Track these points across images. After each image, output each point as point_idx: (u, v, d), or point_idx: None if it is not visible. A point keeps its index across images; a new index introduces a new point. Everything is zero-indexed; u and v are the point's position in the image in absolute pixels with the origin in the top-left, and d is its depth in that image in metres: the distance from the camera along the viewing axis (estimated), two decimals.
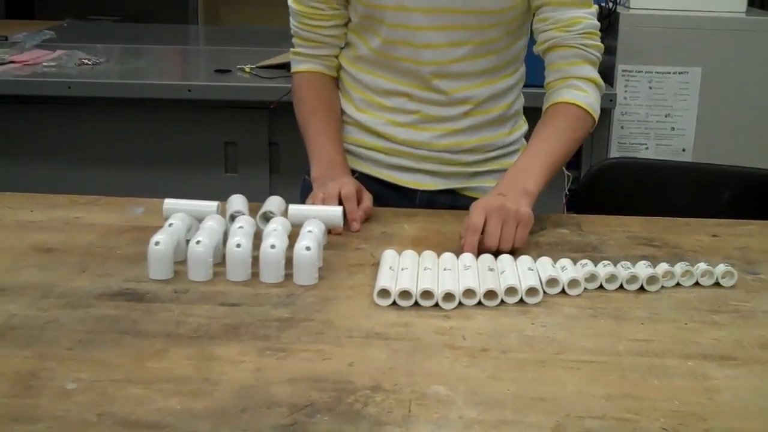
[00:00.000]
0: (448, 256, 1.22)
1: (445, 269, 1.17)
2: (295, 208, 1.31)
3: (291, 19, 1.55)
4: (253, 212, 1.33)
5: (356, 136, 1.56)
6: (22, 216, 1.40)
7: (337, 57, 1.56)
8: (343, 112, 1.57)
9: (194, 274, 1.18)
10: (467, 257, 1.21)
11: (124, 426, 0.84)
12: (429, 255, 1.23)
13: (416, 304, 1.11)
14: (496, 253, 1.24)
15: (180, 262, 1.20)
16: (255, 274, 1.18)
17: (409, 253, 1.23)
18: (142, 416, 0.85)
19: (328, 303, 1.12)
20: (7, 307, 1.08)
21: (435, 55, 1.46)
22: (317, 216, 1.28)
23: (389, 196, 1.53)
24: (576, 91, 1.44)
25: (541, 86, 1.49)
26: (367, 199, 1.42)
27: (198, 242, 1.18)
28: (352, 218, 1.36)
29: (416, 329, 1.05)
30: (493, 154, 1.56)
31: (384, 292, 1.11)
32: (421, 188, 1.54)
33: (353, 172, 1.55)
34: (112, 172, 2.54)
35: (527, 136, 1.55)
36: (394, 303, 1.11)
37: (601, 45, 1.48)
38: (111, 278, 1.17)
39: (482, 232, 1.26)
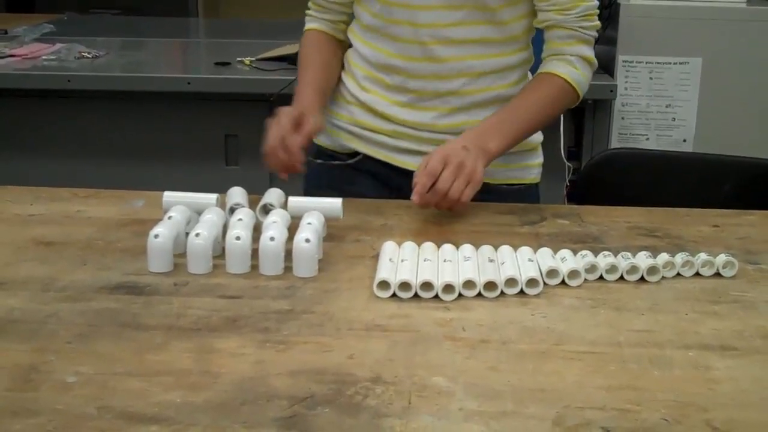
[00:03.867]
0: (448, 248, 1.21)
1: (445, 261, 1.17)
2: (294, 200, 1.31)
3: None
4: (252, 204, 1.32)
5: (360, 118, 1.57)
6: (22, 209, 1.40)
7: (345, 23, 1.61)
8: (347, 90, 1.59)
9: (194, 267, 1.17)
10: (467, 249, 1.21)
11: (124, 419, 0.84)
12: (429, 246, 1.22)
13: (416, 295, 1.11)
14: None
15: (180, 254, 1.20)
16: (255, 267, 1.18)
17: (409, 245, 1.23)
18: (142, 409, 0.85)
19: (328, 295, 1.12)
20: (8, 300, 1.08)
21: (430, 17, 1.47)
22: (317, 208, 1.28)
23: (395, 179, 1.55)
24: (568, 65, 1.48)
25: None
26: (309, 123, 1.42)
27: (197, 235, 1.18)
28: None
29: (416, 321, 1.05)
30: None
31: (384, 284, 1.11)
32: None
33: (357, 154, 1.59)
34: (112, 166, 2.54)
35: None
36: (394, 295, 1.11)
37: (599, 23, 1.50)
38: (111, 271, 1.17)
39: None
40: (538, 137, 1.62)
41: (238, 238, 1.18)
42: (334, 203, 1.30)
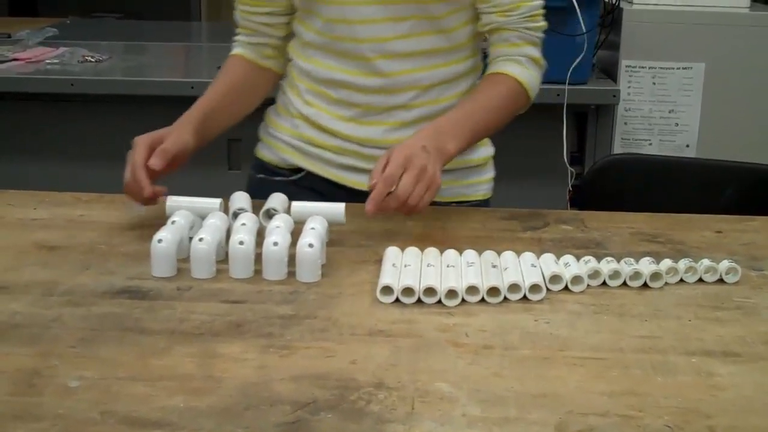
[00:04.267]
0: (451, 253, 1.22)
1: (448, 266, 1.17)
2: (297, 205, 1.31)
3: (234, 8, 1.57)
4: (256, 209, 1.33)
5: (303, 132, 1.53)
6: (25, 214, 1.41)
7: (272, 47, 1.55)
8: (291, 104, 1.54)
9: (197, 272, 1.18)
10: (470, 254, 1.21)
11: (127, 424, 0.84)
12: (432, 252, 1.23)
13: (419, 301, 1.11)
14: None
15: (183, 259, 1.20)
16: (258, 272, 1.18)
17: (412, 250, 1.23)
18: (146, 414, 0.85)
19: (331, 300, 1.12)
20: (11, 305, 1.08)
21: (373, 31, 1.42)
22: (320, 213, 1.28)
23: (340, 198, 1.39)
24: (517, 65, 1.44)
25: None
26: (167, 142, 1.35)
27: (201, 239, 1.18)
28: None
29: (419, 326, 1.05)
30: None
31: (387, 289, 1.11)
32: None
33: (300, 170, 1.54)
34: (115, 170, 2.53)
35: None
36: (397, 300, 1.11)
37: (544, 24, 1.45)
38: (114, 276, 1.17)
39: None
40: (488, 151, 1.58)
41: (241, 242, 1.18)
42: (338, 208, 1.30)
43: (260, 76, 1.57)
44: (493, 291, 1.12)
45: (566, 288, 1.16)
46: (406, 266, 1.16)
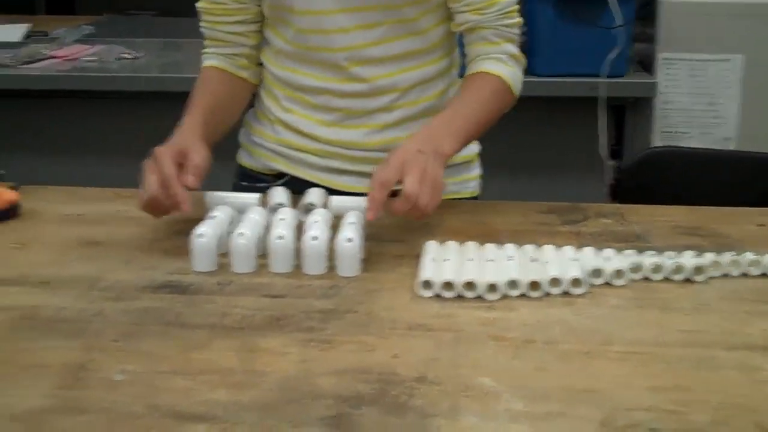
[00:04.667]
0: (491, 247, 1.21)
1: (488, 260, 1.16)
2: (336, 200, 1.31)
3: (199, 20, 1.51)
4: (294, 204, 1.33)
5: (284, 137, 1.50)
6: (67, 210, 1.42)
7: (246, 57, 1.50)
8: (269, 110, 1.52)
9: (238, 266, 1.18)
10: (510, 248, 1.20)
11: (171, 417, 0.84)
12: (472, 246, 1.22)
13: (459, 295, 1.11)
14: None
15: (223, 254, 1.20)
16: (298, 266, 1.18)
17: (452, 244, 1.22)
18: (189, 408, 0.86)
19: (371, 294, 1.12)
20: (55, 300, 1.09)
21: (347, 40, 1.41)
22: (359, 207, 1.28)
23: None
24: (498, 63, 1.41)
25: None
26: (197, 157, 1.28)
27: (241, 234, 1.18)
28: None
29: (460, 320, 1.05)
30: None
31: (427, 284, 1.11)
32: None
33: (283, 175, 1.51)
34: None
35: None
36: (437, 294, 1.11)
37: (520, 20, 1.44)
38: (155, 270, 1.18)
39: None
40: (474, 148, 1.56)
41: (281, 237, 1.18)
42: None
43: (238, 86, 1.51)
44: (534, 285, 1.11)
45: (607, 282, 1.15)
46: (445, 260, 1.16)
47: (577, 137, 2.50)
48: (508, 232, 1.32)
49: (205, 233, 1.18)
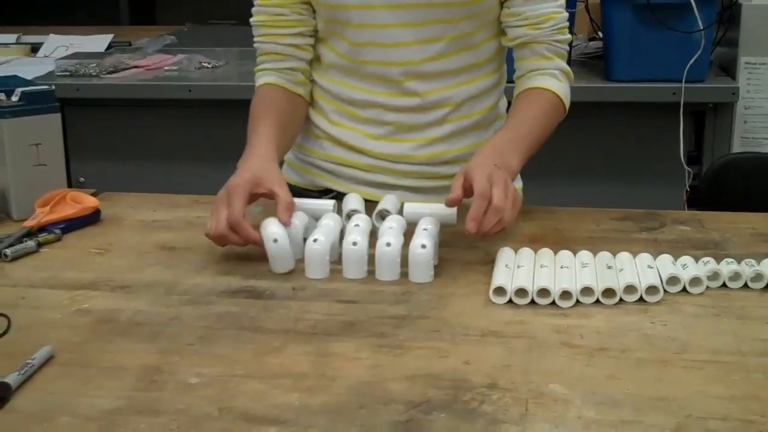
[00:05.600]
0: (565, 254, 1.20)
1: (562, 267, 1.16)
2: (410, 206, 1.31)
3: (253, 35, 1.49)
4: (369, 211, 1.33)
5: (331, 152, 1.50)
6: (146, 216, 1.45)
7: (302, 72, 1.48)
8: (315, 126, 1.51)
9: (312, 272, 1.19)
10: (585, 255, 1.19)
11: (245, 420, 0.85)
12: (546, 253, 1.21)
13: (532, 302, 1.10)
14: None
15: (298, 260, 1.21)
16: (371, 272, 1.19)
17: (526, 251, 1.22)
18: (262, 411, 0.87)
19: (443, 301, 1.12)
20: (133, 303, 1.12)
21: (405, 54, 1.41)
22: (432, 214, 1.28)
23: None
24: (553, 79, 1.42)
25: None
26: (283, 192, 1.24)
27: (315, 240, 1.19)
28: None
29: (533, 327, 1.04)
30: None
31: (500, 290, 1.11)
32: None
33: (329, 191, 1.51)
34: (230, 172, 2.59)
35: None
36: (510, 301, 1.10)
37: (570, 37, 1.44)
38: (231, 276, 1.20)
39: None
40: None
41: (355, 243, 1.19)
42: (450, 209, 1.29)
43: (297, 102, 1.49)
44: (609, 292, 1.10)
45: (684, 290, 1.13)
46: (519, 267, 1.16)
47: (655, 143, 2.47)
48: (583, 238, 1.31)
49: (280, 237, 1.19)
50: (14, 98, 1.42)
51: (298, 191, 1.53)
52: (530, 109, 1.40)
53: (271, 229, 1.20)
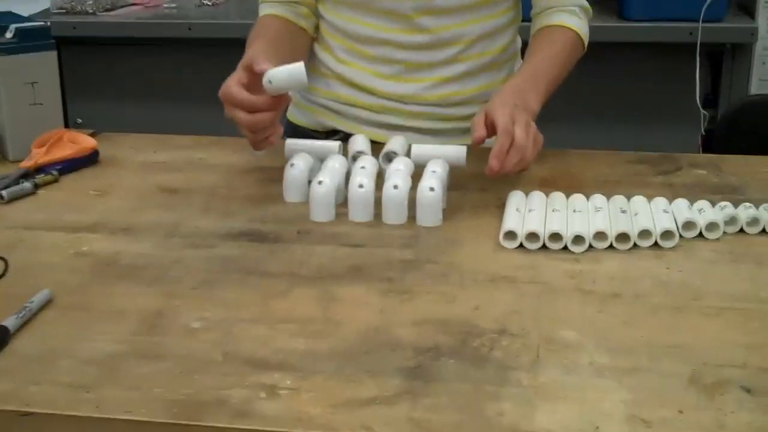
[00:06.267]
0: (578, 198, 1.20)
1: (574, 211, 1.15)
2: (418, 148, 1.30)
3: None
4: (375, 152, 1.32)
5: (338, 91, 1.49)
6: (146, 157, 1.44)
7: (307, 5, 1.46)
8: (322, 63, 1.49)
9: (317, 215, 1.19)
10: (598, 199, 1.18)
11: (249, 365, 0.85)
12: (558, 196, 1.21)
13: (544, 246, 1.09)
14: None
15: (302, 202, 1.21)
16: (378, 215, 1.18)
17: (537, 194, 1.21)
18: (267, 356, 0.87)
19: (452, 245, 1.11)
20: (134, 246, 1.12)
21: None
22: (441, 156, 1.27)
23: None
24: (573, 16, 1.42)
25: None
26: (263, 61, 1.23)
27: (320, 182, 1.19)
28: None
29: (544, 272, 1.04)
30: None
31: (510, 234, 1.10)
32: None
33: (336, 132, 1.49)
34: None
35: None
36: (521, 245, 1.10)
37: None
38: (234, 218, 1.19)
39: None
40: None
41: (361, 185, 1.18)
42: (459, 151, 1.29)
43: (299, 34, 1.47)
44: (623, 237, 1.10)
45: (700, 235, 1.12)
46: (530, 211, 1.15)
47: (670, 85, 2.45)
48: (596, 182, 1.30)
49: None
50: (8, 35, 1.41)
51: (304, 132, 1.53)
52: (550, 48, 1.39)
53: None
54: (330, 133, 1.52)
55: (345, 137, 1.45)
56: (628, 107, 2.51)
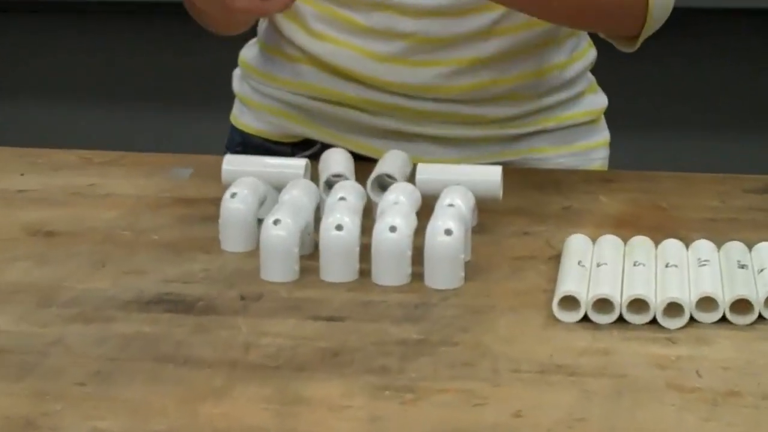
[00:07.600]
0: (672, 245, 1.21)
1: (667, 265, 1.16)
2: (426, 169, 1.31)
3: None
4: (361, 176, 1.33)
5: (311, 80, 1.51)
6: (9, 182, 1.45)
7: None
8: (287, 41, 1.51)
9: (271, 272, 1.19)
10: (704, 247, 1.19)
11: None
12: (641, 243, 1.22)
13: (621, 319, 1.10)
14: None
15: (249, 252, 1.22)
16: (365, 273, 1.19)
17: (610, 240, 1.22)
18: None
19: (479, 318, 1.12)
20: None
21: None
22: (464, 181, 1.27)
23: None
24: None
25: None
26: None
27: (276, 222, 1.19)
28: None
29: (621, 360, 1.05)
30: (544, 101, 1.50)
31: (570, 301, 1.11)
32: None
33: (309, 143, 1.52)
34: (142, 109, 2.59)
35: (595, 68, 1.49)
36: (586, 318, 1.10)
37: None
38: (143, 277, 1.20)
39: None
40: (599, 101, 1.56)
41: (339, 227, 1.19)
42: (491, 174, 1.29)
43: None
44: (742, 305, 1.10)
45: None
46: (599, 266, 1.16)
47: None
48: (699, 221, 1.32)
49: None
50: None
51: (256, 143, 1.55)
52: None
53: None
54: (296, 146, 1.54)
55: (318, 152, 1.46)
56: (744, 110, 2.54)
